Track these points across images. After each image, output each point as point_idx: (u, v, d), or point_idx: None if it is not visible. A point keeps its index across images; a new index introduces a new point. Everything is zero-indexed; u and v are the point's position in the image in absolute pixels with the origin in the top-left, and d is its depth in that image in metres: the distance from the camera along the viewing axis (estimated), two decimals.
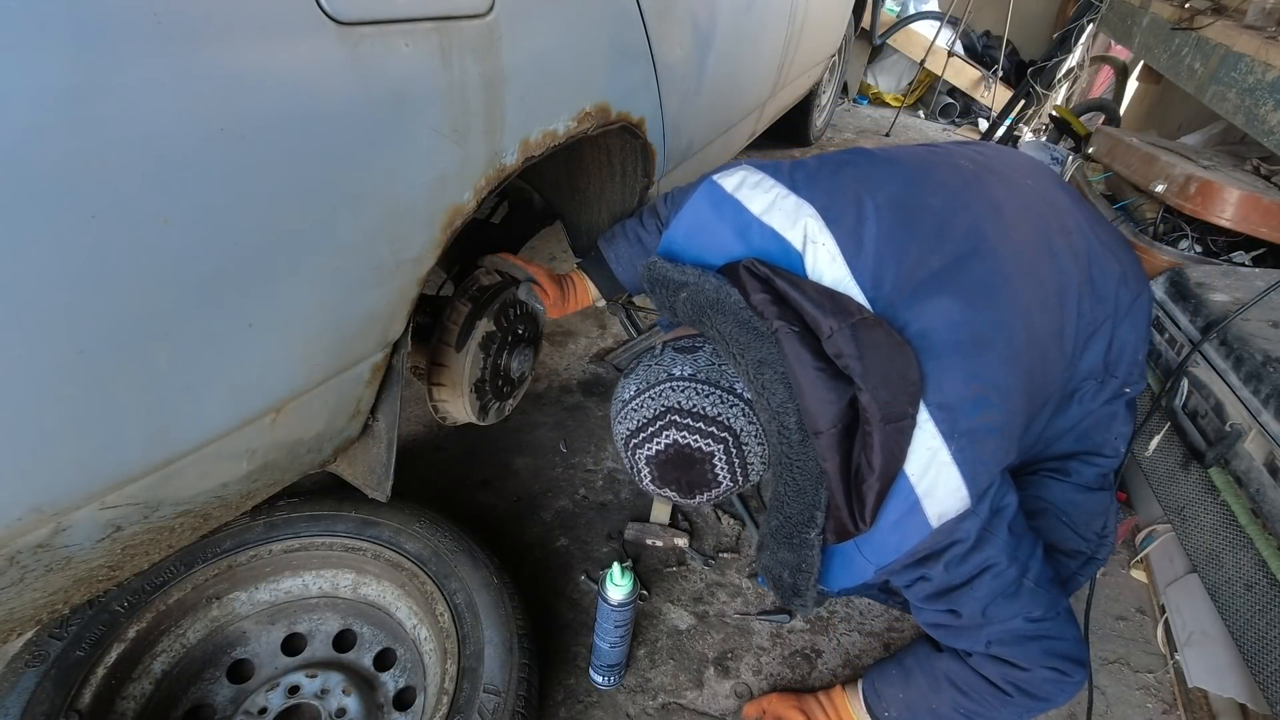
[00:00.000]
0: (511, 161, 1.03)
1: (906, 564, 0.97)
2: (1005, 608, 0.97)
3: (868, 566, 0.98)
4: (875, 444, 0.87)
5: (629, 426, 0.93)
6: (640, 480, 0.95)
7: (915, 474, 0.90)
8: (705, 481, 0.91)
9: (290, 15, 0.69)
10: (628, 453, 0.94)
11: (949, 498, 0.91)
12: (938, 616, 1.03)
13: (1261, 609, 1.10)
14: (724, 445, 0.89)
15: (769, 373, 0.89)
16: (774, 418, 0.90)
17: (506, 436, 1.86)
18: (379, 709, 1.21)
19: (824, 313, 0.87)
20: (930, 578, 0.97)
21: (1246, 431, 1.18)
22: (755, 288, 0.92)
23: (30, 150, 0.54)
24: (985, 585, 0.96)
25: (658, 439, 0.90)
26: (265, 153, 0.70)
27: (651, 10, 1.29)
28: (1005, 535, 0.96)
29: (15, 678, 1.02)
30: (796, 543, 0.96)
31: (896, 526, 0.93)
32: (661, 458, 0.90)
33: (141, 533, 0.81)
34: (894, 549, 0.94)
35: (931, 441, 0.90)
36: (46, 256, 0.58)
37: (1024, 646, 0.98)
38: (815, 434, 0.88)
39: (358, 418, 1.05)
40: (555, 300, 1.40)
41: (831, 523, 0.93)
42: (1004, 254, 1.00)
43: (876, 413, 0.85)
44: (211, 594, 1.23)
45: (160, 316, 0.67)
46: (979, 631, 1.00)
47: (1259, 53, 1.91)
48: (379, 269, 0.89)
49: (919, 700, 1.09)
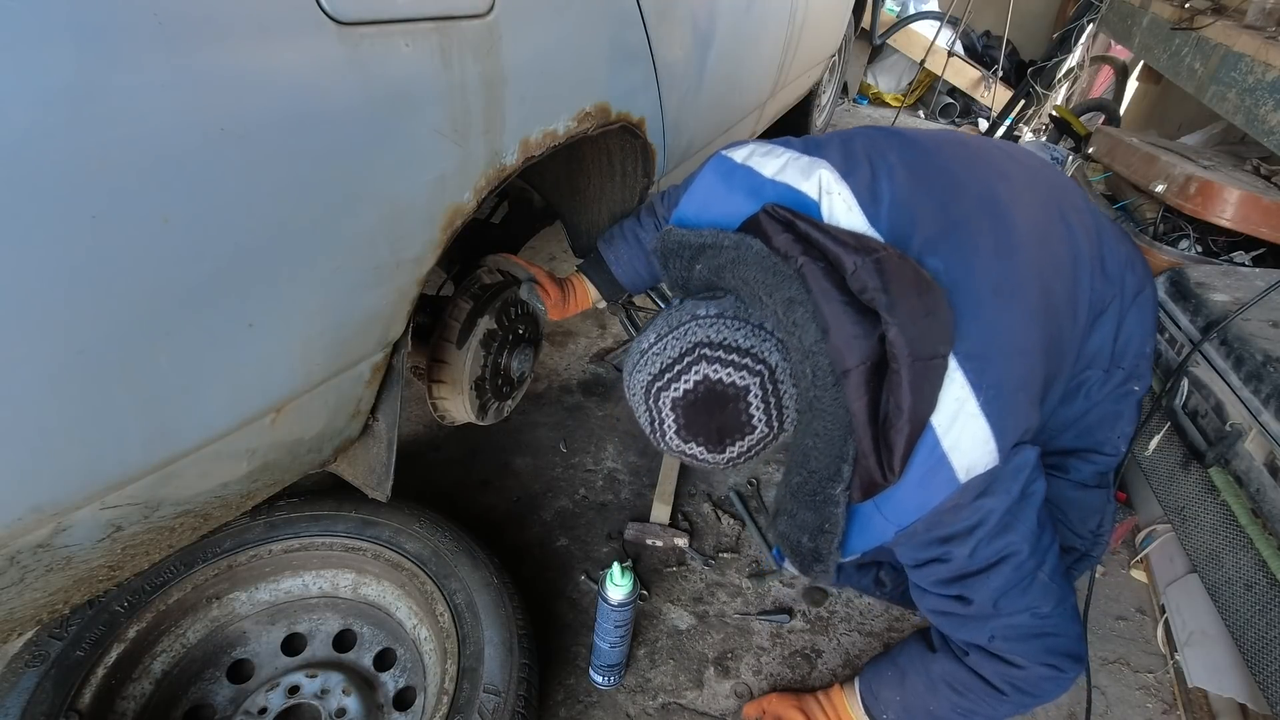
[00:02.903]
0: (512, 161, 1.03)
1: (929, 537, 0.93)
2: (1017, 599, 0.95)
3: (887, 527, 0.93)
4: (904, 383, 0.81)
5: (650, 371, 0.87)
6: (662, 435, 0.88)
7: (942, 426, 0.86)
8: (739, 425, 0.84)
9: (290, 15, 0.69)
10: (649, 401, 0.87)
11: (976, 450, 0.87)
12: (945, 604, 1.00)
13: (1261, 609, 1.10)
14: (760, 380, 0.84)
15: (799, 311, 0.84)
16: (806, 358, 0.84)
17: (506, 436, 1.86)
18: (379, 709, 1.21)
19: (847, 249, 0.83)
20: (950, 559, 0.94)
21: (1247, 431, 1.18)
22: (777, 230, 0.88)
23: (30, 150, 0.54)
24: (1003, 574, 0.94)
25: (685, 377, 0.84)
26: (265, 152, 0.70)
27: (651, 10, 1.29)
28: (1032, 522, 0.93)
29: (15, 678, 1.02)
30: (820, 500, 0.92)
31: (922, 482, 0.88)
32: (690, 399, 0.84)
33: (142, 533, 0.81)
34: (918, 507, 0.90)
35: (959, 392, 0.86)
36: (47, 256, 0.58)
37: (1027, 643, 0.97)
38: (843, 373, 0.83)
39: (358, 418, 1.05)
40: (557, 301, 1.39)
41: (858, 477, 0.88)
42: (1018, 218, 0.98)
43: (905, 349, 0.80)
44: (211, 594, 1.23)
45: (160, 316, 0.67)
46: (985, 624, 0.98)
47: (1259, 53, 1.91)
48: (379, 269, 0.89)
49: (916, 702, 1.09)
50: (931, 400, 0.84)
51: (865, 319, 0.82)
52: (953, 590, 0.97)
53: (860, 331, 0.81)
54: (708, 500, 1.73)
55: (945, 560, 0.95)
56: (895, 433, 0.84)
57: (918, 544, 0.95)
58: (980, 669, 1.01)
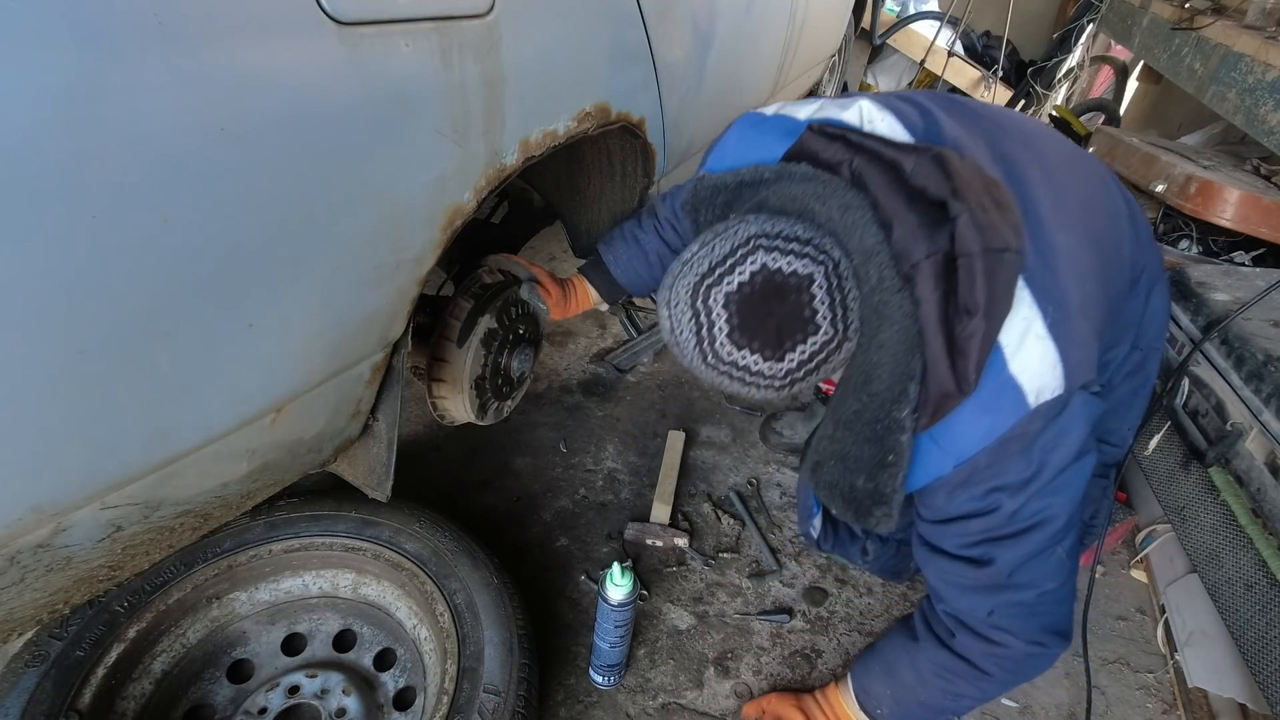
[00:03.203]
0: (512, 161, 1.03)
1: (983, 485, 0.87)
2: (1033, 571, 0.92)
3: (944, 461, 0.86)
4: (978, 276, 0.74)
5: (698, 271, 0.78)
6: (710, 344, 0.78)
7: (1010, 346, 0.80)
8: (802, 323, 0.75)
9: (290, 15, 0.69)
10: (697, 303, 0.78)
11: (1046, 373, 0.82)
12: (960, 568, 0.95)
13: (1261, 609, 1.10)
14: (825, 270, 0.76)
15: (855, 213, 0.78)
16: (868, 259, 0.78)
17: (506, 436, 1.86)
18: (379, 709, 1.21)
19: (903, 151, 0.79)
20: (992, 511, 0.88)
21: (1247, 431, 1.18)
22: (825, 144, 0.83)
23: (30, 150, 0.54)
24: (1033, 540, 0.90)
25: (740, 268, 0.75)
26: (265, 152, 0.70)
27: (651, 10, 1.29)
28: (1078, 491, 0.90)
29: (15, 678, 1.02)
30: (882, 428, 0.83)
31: (989, 406, 0.82)
32: (745, 291, 0.75)
33: (142, 533, 0.81)
34: (984, 434, 0.83)
35: (1026, 311, 0.81)
36: (46, 256, 0.58)
37: (1024, 621, 0.95)
38: (912, 268, 0.76)
39: (358, 418, 1.05)
40: (558, 300, 1.38)
41: (929, 393, 0.80)
42: (1059, 161, 0.95)
43: (976, 238, 0.74)
44: (211, 594, 1.23)
45: (160, 316, 0.67)
46: (992, 595, 0.94)
47: (1259, 53, 1.92)
48: (379, 269, 0.89)
49: (906, 694, 1.08)
50: (1005, 299, 0.77)
51: (930, 212, 0.76)
52: (977, 551, 0.93)
53: (926, 222, 0.75)
54: (708, 500, 1.73)
55: (985, 514, 0.89)
56: (968, 336, 0.76)
57: (968, 490, 0.88)
58: (967, 652, 0.99)
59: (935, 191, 0.76)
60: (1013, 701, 1.37)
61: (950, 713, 1.07)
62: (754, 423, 1.97)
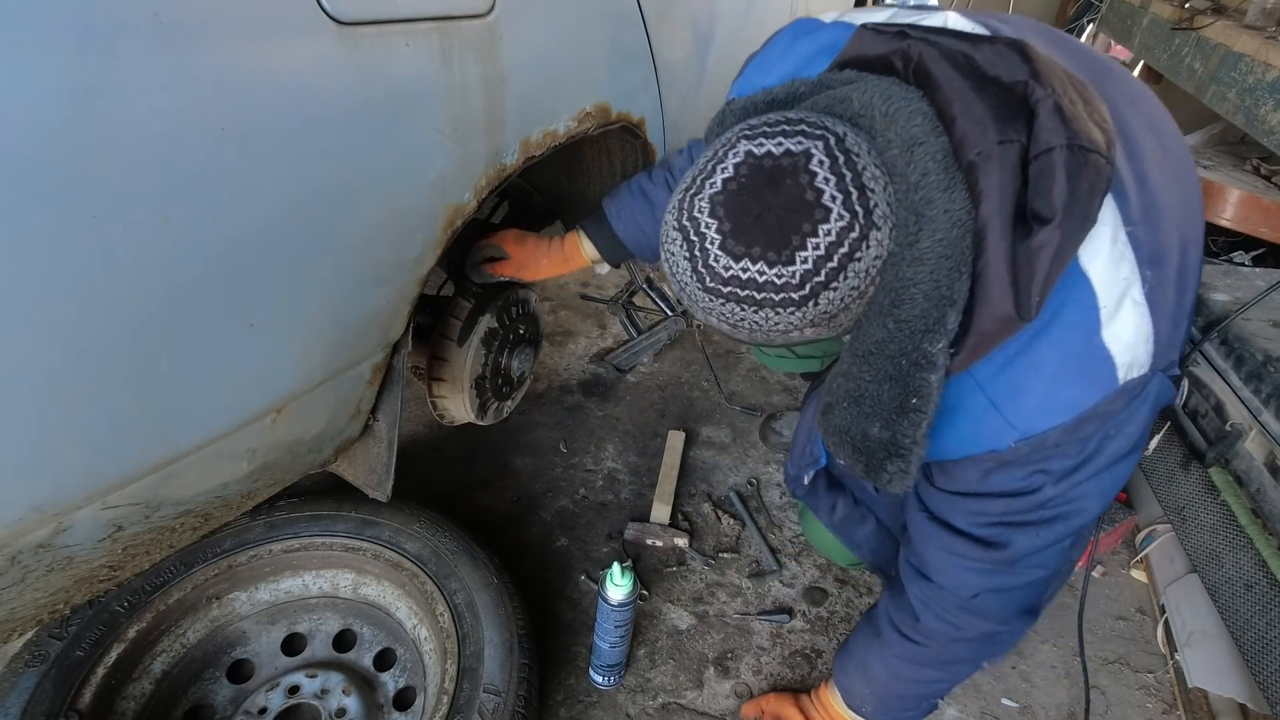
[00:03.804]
0: (512, 161, 1.03)
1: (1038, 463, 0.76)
2: (1040, 558, 0.86)
3: (1004, 433, 0.74)
4: (1058, 174, 0.62)
5: (681, 189, 0.67)
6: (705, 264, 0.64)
7: (1107, 308, 0.69)
8: (805, 208, 0.61)
9: (291, 15, 0.69)
10: (683, 219, 0.66)
11: (1139, 345, 0.71)
12: (963, 545, 0.87)
13: (1261, 609, 1.11)
14: (823, 143, 0.63)
15: (899, 102, 0.66)
16: (909, 151, 0.65)
17: (506, 436, 1.85)
18: (379, 709, 1.21)
19: (972, 41, 0.68)
20: (1031, 492, 0.79)
21: (1247, 431, 1.18)
22: (875, 41, 0.72)
23: (31, 150, 0.54)
24: (1056, 530, 0.83)
25: (723, 165, 0.64)
26: (266, 152, 0.70)
27: (652, 10, 1.29)
28: (1120, 481, 0.81)
29: (15, 678, 1.02)
30: (910, 362, 0.69)
31: (1074, 376, 0.70)
32: (732, 188, 0.63)
33: (142, 533, 0.81)
34: (1065, 408, 0.71)
35: (1127, 271, 0.70)
36: (47, 256, 0.58)
37: (1003, 604, 0.92)
38: (977, 155, 0.64)
39: (358, 418, 1.05)
40: (519, 264, 1.25)
41: (974, 322, 0.67)
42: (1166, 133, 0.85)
43: (1060, 129, 0.62)
44: (211, 594, 1.23)
45: (161, 316, 0.67)
46: (988, 578, 0.88)
47: (1259, 53, 1.92)
48: (379, 269, 0.89)
49: (883, 689, 1.08)
50: (1087, 211, 0.65)
51: (1005, 99, 0.65)
52: (992, 533, 0.84)
53: (999, 108, 0.64)
54: (708, 500, 1.73)
55: (1018, 495, 0.80)
56: (1038, 246, 0.63)
57: (1011, 468, 0.78)
58: (931, 638, 0.96)
59: (1011, 75, 0.65)
60: (1013, 701, 1.37)
61: (930, 698, 1.08)
62: (754, 423, 1.97)
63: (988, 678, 1.41)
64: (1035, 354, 0.71)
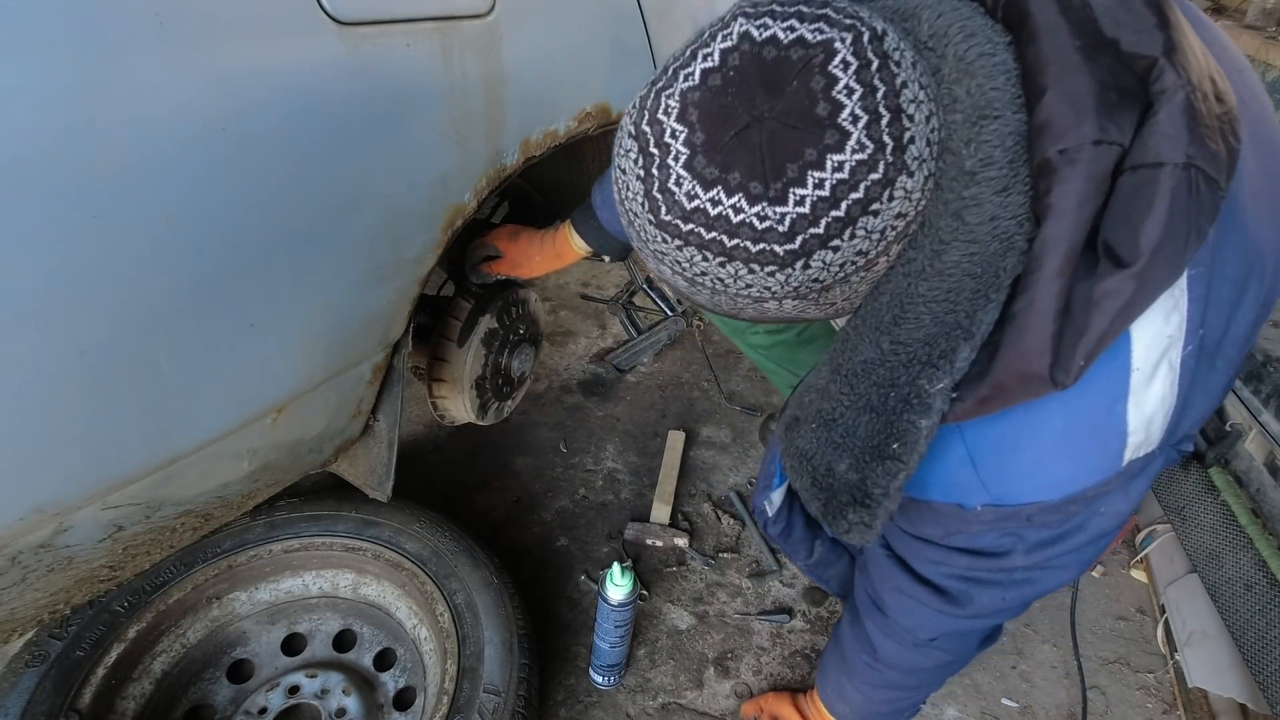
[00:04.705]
0: (512, 161, 1.03)
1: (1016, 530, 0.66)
2: (1005, 612, 0.81)
3: (976, 492, 0.62)
4: (1157, 203, 0.45)
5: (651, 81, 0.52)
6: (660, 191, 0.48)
7: (1142, 371, 0.54)
8: (814, 125, 0.44)
9: (291, 15, 0.69)
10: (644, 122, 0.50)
11: (1155, 423, 0.57)
12: (922, 592, 0.79)
13: (1261, 609, 1.11)
14: (854, 36, 0.45)
15: (982, 46, 0.49)
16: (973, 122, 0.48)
17: (506, 436, 1.86)
18: (379, 709, 1.21)
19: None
20: (1003, 554, 0.69)
21: (1247, 431, 1.18)
22: None
23: (31, 150, 0.54)
24: (1024, 593, 0.75)
25: (709, 50, 0.48)
26: (266, 152, 0.70)
27: (652, 10, 1.29)
28: (1099, 552, 0.73)
29: (15, 678, 1.02)
30: (897, 399, 0.55)
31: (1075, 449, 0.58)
32: (717, 81, 0.46)
33: (143, 533, 0.81)
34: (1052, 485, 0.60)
35: (1172, 325, 0.54)
36: (47, 256, 0.58)
37: (963, 643, 0.90)
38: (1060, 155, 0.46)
39: (359, 418, 1.05)
40: (513, 262, 1.21)
41: (990, 367, 0.52)
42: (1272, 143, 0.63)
43: (1182, 138, 0.45)
44: (211, 594, 1.23)
45: (161, 316, 0.67)
46: (946, 623, 0.82)
47: (1259, 53, 1.92)
48: (380, 269, 0.89)
49: (862, 710, 1.09)
50: (1179, 261, 0.47)
51: (1121, 77, 0.47)
52: (954, 586, 0.77)
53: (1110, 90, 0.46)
54: (708, 500, 1.73)
55: (986, 556, 0.70)
56: (1102, 295, 0.47)
57: (986, 531, 0.68)
58: (895, 663, 0.94)
59: (1136, 43, 0.47)
60: (1013, 701, 1.37)
61: (908, 709, 1.08)
62: (754, 423, 1.97)
63: (988, 678, 1.41)
64: (1039, 412, 0.57)
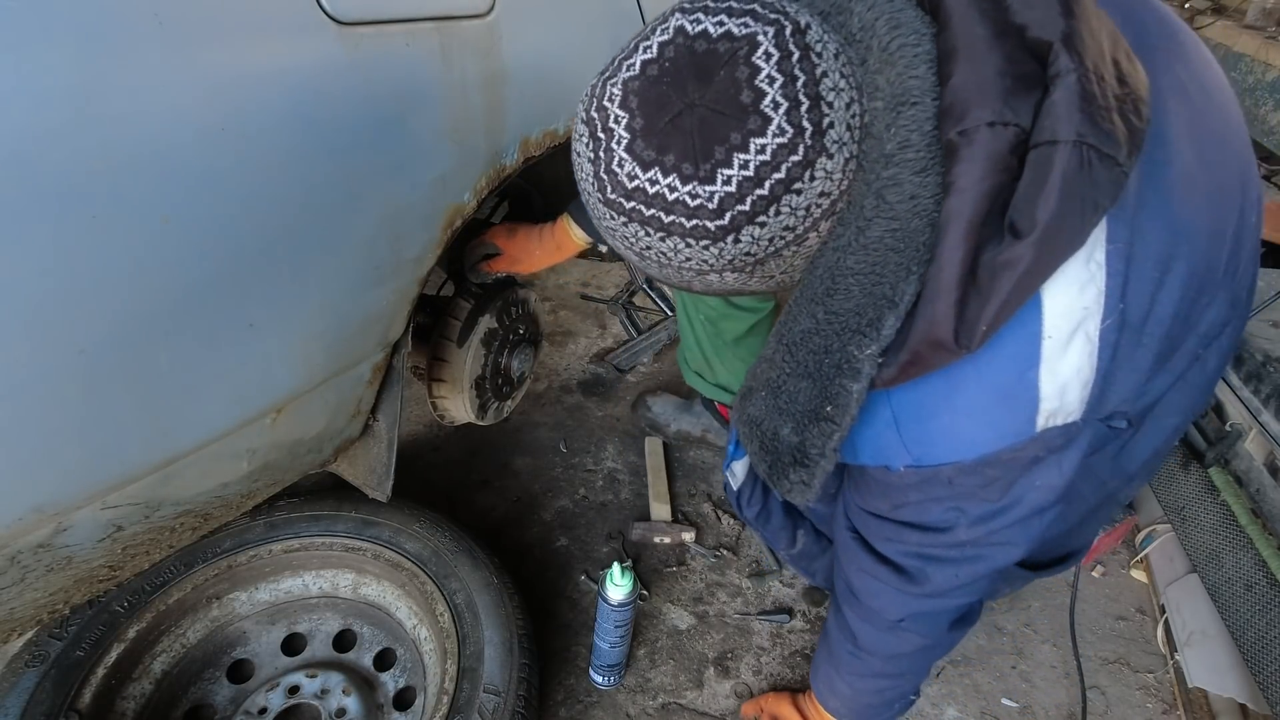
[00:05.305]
0: (512, 161, 1.03)
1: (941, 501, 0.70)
2: (966, 590, 0.82)
3: (899, 452, 0.66)
4: (1054, 178, 0.50)
5: (605, 65, 0.57)
6: (606, 173, 0.54)
7: (1055, 339, 0.58)
8: (738, 110, 0.49)
9: (291, 15, 0.69)
10: (592, 109, 0.56)
11: (1071, 391, 0.60)
12: (882, 571, 0.83)
13: (1261, 609, 1.11)
14: (777, 30, 0.51)
15: (906, 37, 0.53)
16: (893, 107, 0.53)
17: (506, 436, 1.85)
18: (379, 709, 1.21)
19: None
20: (946, 529, 0.73)
21: (1246, 431, 1.18)
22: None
23: (31, 150, 0.54)
24: (976, 569, 0.78)
25: (648, 44, 0.54)
26: (266, 152, 0.70)
27: (651, 10, 1.29)
28: (1043, 529, 0.74)
29: (15, 678, 1.02)
30: (831, 364, 0.60)
31: (986, 412, 0.62)
32: (653, 72, 0.52)
33: (142, 532, 0.81)
34: (965, 447, 0.63)
35: (1090, 299, 0.58)
36: (46, 256, 0.58)
37: (933, 625, 0.90)
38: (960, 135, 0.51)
39: (358, 418, 1.05)
40: (513, 258, 1.22)
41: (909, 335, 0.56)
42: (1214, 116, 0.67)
43: (1074, 119, 0.49)
44: (211, 594, 1.23)
45: (160, 316, 0.67)
46: (909, 604, 0.84)
47: (1259, 53, 1.92)
48: (379, 269, 0.89)
49: (852, 702, 1.09)
50: (1075, 231, 0.52)
51: (1022, 62, 0.51)
52: (911, 564, 0.81)
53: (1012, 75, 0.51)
54: (708, 500, 1.73)
55: (932, 531, 0.75)
56: (1002, 264, 0.52)
57: (930, 504, 0.72)
58: (874, 649, 0.96)
59: (1039, 28, 0.51)
60: (1013, 701, 1.37)
61: (897, 700, 1.08)
62: None
63: (988, 677, 1.41)
64: (954, 377, 0.61)
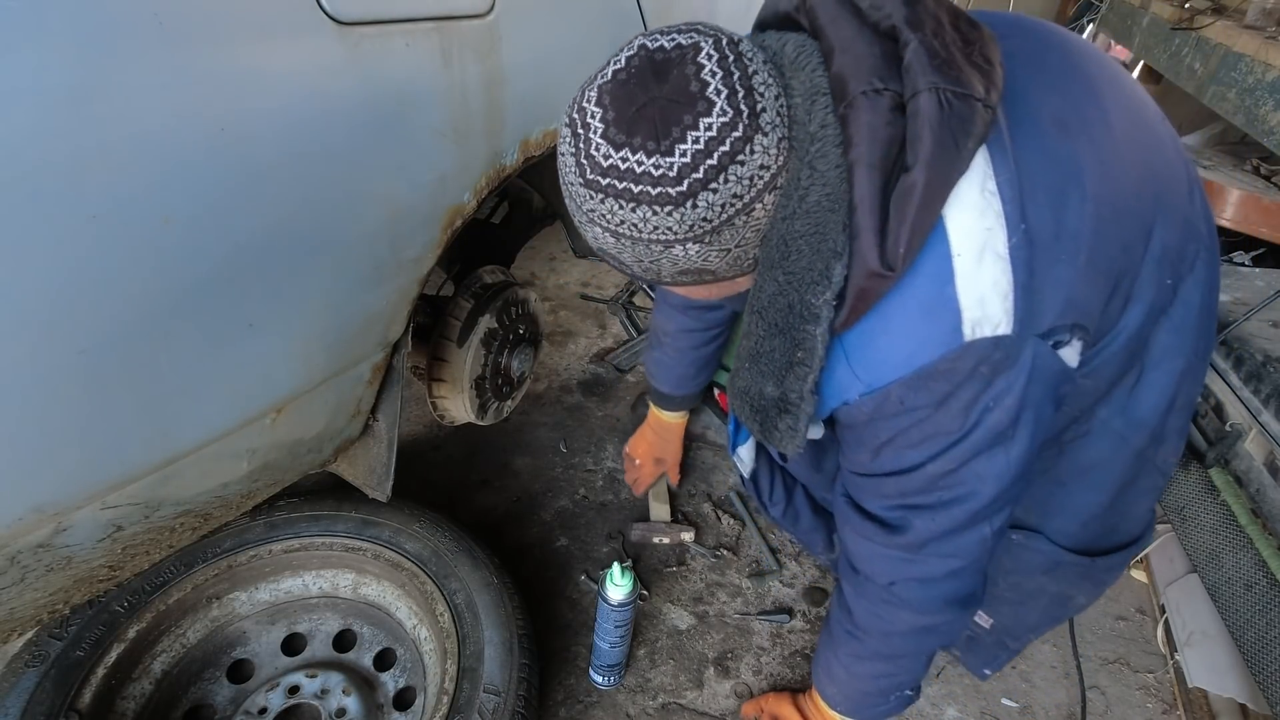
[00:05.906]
0: (511, 162, 1.03)
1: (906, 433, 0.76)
2: (948, 545, 0.85)
3: (853, 384, 0.73)
4: (922, 118, 0.62)
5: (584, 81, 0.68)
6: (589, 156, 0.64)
7: (963, 257, 0.67)
8: (689, 99, 0.61)
9: (291, 15, 0.69)
10: (573, 111, 0.67)
11: (992, 303, 0.68)
12: (870, 528, 0.88)
13: (1261, 609, 1.11)
14: (714, 42, 0.64)
15: (803, 50, 0.67)
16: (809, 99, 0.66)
17: (506, 436, 1.85)
18: (379, 709, 1.21)
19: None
20: (916, 468, 0.78)
21: (1247, 431, 1.18)
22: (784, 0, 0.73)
23: (30, 150, 0.54)
24: (954, 514, 0.81)
25: (616, 60, 0.66)
26: (266, 152, 0.70)
27: (651, 10, 1.29)
28: (1007, 462, 0.78)
29: (15, 678, 1.02)
30: (795, 316, 0.70)
31: (916, 328, 0.69)
32: (622, 76, 0.63)
33: (142, 532, 0.81)
34: (905, 360, 0.70)
35: (991, 221, 0.67)
36: (47, 257, 0.58)
37: (924, 594, 0.90)
38: (846, 106, 0.64)
39: (358, 418, 1.05)
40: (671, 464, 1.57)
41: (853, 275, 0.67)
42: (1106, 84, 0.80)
43: (927, 71, 0.62)
44: (211, 594, 1.23)
45: (160, 316, 0.67)
46: (898, 566, 0.88)
47: (1259, 53, 1.91)
48: (380, 269, 0.89)
49: (848, 688, 1.08)
50: (955, 157, 0.64)
51: (882, 45, 0.65)
52: (894, 515, 0.86)
53: (874, 55, 0.64)
54: (708, 500, 1.73)
55: (903, 473, 0.80)
56: (902, 194, 0.64)
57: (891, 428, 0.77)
58: (868, 631, 0.96)
59: (887, 20, 0.65)
60: (1013, 701, 1.37)
61: (893, 691, 1.06)
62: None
63: None
64: (887, 304, 0.69)
